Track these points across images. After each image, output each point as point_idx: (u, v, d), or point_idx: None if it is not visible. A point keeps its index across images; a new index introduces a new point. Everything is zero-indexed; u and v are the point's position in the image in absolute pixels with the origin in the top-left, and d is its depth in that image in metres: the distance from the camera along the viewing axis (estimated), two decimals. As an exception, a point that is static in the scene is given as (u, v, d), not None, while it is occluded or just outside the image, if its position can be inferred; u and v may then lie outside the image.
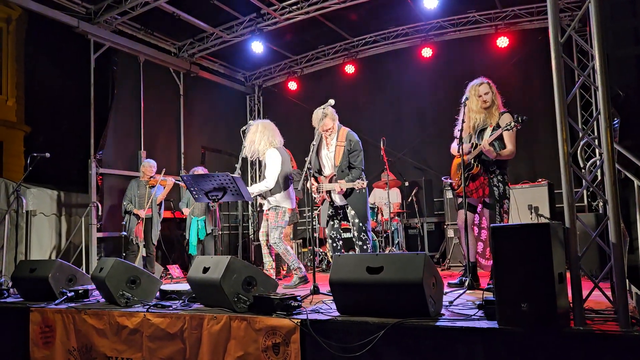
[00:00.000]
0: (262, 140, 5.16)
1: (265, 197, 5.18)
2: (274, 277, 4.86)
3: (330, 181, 4.89)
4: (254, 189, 5.11)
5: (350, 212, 4.84)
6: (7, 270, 5.73)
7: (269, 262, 5.28)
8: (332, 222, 5.02)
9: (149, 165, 7.09)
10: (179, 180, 7.25)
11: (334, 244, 5.00)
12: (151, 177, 7.02)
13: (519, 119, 3.96)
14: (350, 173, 4.80)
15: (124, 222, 7.02)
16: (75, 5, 7.43)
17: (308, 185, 4.74)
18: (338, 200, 4.94)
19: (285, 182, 5.16)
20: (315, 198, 5.02)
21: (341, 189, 4.73)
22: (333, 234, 5.01)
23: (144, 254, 6.85)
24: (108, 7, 7.51)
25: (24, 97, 15.10)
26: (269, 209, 5.17)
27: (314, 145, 4.66)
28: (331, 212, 5.01)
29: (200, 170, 7.07)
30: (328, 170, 4.99)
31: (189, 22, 8.20)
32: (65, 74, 12.76)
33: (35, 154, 5.93)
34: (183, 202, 7.44)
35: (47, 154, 6.00)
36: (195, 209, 7.13)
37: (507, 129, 4.01)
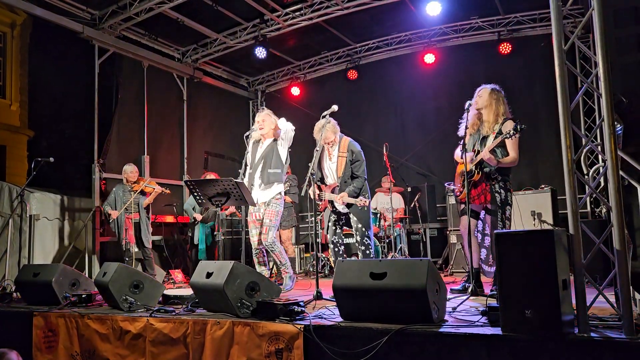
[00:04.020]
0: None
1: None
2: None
3: (332, 191, 4.90)
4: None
5: (353, 218, 4.86)
6: (10, 274, 5.74)
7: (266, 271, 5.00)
8: (334, 228, 5.03)
9: (130, 171, 7.03)
10: (165, 189, 7.13)
11: (336, 249, 5.01)
12: (134, 182, 6.96)
13: (518, 127, 3.90)
14: (353, 183, 4.81)
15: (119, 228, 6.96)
16: (80, 11, 7.48)
17: (310, 191, 4.74)
18: (340, 207, 4.95)
19: None
20: (318, 204, 5.02)
21: (342, 202, 4.74)
22: (335, 239, 5.02)
23: (141, 257, 6.84)
24: (112, 12, 7.56)
25: (27, 101, 15.16)
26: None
27: (317, 151, 4.65)
28: (333, 217, 5.03)
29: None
30: (331, 180, 5.02)
31: (193, 27, 8.23)
32: (69, 79, 12.83)
33: (39, 159, 5.93)
34: (189, 204, 7.36)
35: (51, 159, 6.01)
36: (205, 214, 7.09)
37: (508, 137, 4.00)
